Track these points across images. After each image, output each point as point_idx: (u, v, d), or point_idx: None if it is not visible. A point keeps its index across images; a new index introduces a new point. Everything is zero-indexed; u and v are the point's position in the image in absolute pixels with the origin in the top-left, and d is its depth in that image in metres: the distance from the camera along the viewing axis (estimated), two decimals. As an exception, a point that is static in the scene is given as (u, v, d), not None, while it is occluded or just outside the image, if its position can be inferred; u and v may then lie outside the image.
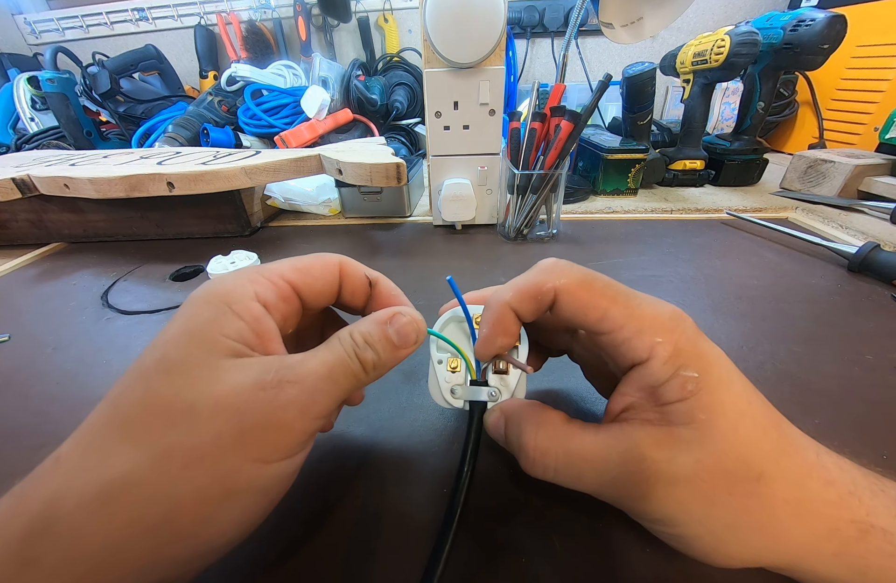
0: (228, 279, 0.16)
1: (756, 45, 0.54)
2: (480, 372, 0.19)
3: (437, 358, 0.19)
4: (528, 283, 0.17)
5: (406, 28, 1.04)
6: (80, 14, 1.09)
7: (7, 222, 0.52)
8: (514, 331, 0.17)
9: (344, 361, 0.15)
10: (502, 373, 0.18)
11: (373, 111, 0.82)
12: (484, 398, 0.18)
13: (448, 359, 0.19)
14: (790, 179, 0.62)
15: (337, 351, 0.15)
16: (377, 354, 0.15)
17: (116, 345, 0.33)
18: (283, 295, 0.16)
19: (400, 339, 0.16)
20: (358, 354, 0.15)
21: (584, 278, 0.16)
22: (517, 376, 0.18)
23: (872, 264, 0.37)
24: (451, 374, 0.19)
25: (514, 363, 0.18)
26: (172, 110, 0.85)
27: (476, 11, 0.39)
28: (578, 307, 0.15)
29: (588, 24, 0.97)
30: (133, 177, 0.45)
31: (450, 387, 0.19)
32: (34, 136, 0.80)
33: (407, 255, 0.47)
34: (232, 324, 0.14)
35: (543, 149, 0.44)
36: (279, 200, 0.58)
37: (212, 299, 0.15)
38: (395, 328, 0.16)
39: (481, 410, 0.18)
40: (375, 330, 0.15)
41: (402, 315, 0.16)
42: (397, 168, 0.42)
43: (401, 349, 0.16)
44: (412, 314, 0.17)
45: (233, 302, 0.14)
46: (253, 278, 0.16)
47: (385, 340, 0.15)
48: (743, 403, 0.14)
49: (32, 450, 0.24)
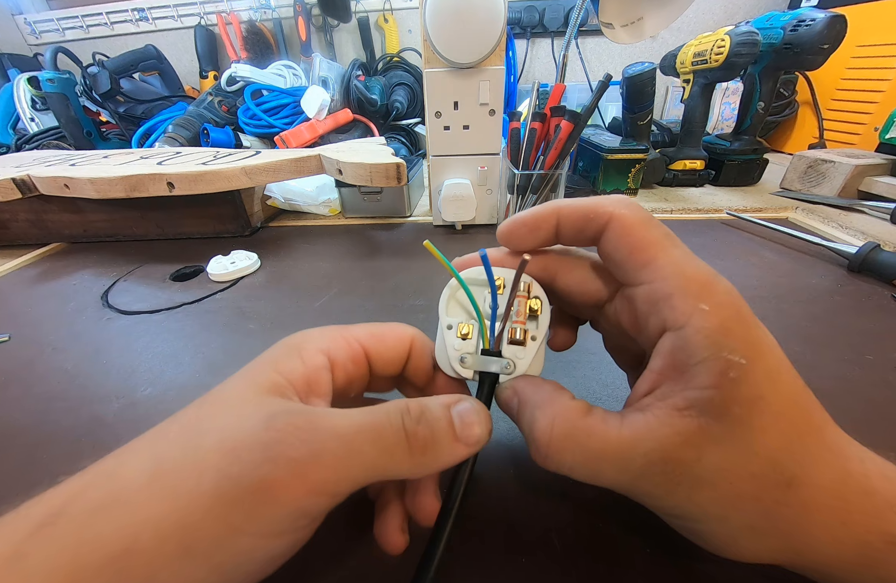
0: (314, 332, 0.16)
1: (756, 45, 0.54)
2: (495, 341, 0.16)
3: (446, 322, 0.17)
4: (586, 201, 0.15)
5: (406, 28, 1.04)
6: (80, 14, 1.09)
7: (7, 222, 0.52)
8: (544, 236, 0.16)
9: (380, 428, 0.12)
10: (519, 343, 0.16)
11: (373, 111, 0.82)
12: (496, 370, 0.16)
13: (458, 324, 0.17)
14: (790, 179, 0.62)
15: (377, 415, 0.13)
16: (431, 432, 0.13)
17: (116, 345, 0.33)
18: (354, 357, 0.16)
19: (463, 428, 0.13)
20: (406, 425, 0.13)
21: (646, 218, 0.14)
22: (535, 349, 0.16)
23: (872, 264, 0.37)
24: (461, 341, 0.17)
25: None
26: (172, 110, 0.85)
27: (476, 12, 0.39)
28: (627, 244, 0.14)
29: (588, 24, 0.97)
30: (133, 177, 0.45)
31: (459, 355, 0.17)
32: (34, 137, 0.80)
33: (407, 255, 0.47)
34: (290, 363, 0.14)
35: (543, 149, 0.44)
36: (279, 200, 0.58)
37: (290, 342, 0.16)
38: (460, 414, 0.14)
39: (491, 382, 0.16)
40: (436, 407, 0.14)
41: (468, 402, 0.14)
42: (397, 168, 0.42)
43: (459, 443, 0.13)
44: (480, 405, 0.15)
45: (303, 348, 0.15)
46: (331, 336, 0.16)
47: (446, 422, 0.13)
48: (785, 403, 0.12)
49: (33, 449, 0.24)
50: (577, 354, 0.30)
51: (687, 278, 0.13)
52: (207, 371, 0.30)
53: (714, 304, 0.12)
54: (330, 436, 0.12)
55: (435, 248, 0.15)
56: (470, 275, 0.17)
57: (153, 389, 0.29)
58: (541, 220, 0.16)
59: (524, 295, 0.16)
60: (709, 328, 0.12)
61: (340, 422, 0.12)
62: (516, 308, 0.16)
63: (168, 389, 0.28)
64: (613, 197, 0.15)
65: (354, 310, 0.37)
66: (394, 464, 0.12)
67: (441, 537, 0.14)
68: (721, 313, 0.12)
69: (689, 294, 0.13)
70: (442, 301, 0.18)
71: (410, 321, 0.19)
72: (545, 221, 0.16)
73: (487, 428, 0.14)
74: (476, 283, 0.17)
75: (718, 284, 0.13)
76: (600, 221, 0.14)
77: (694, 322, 0.12)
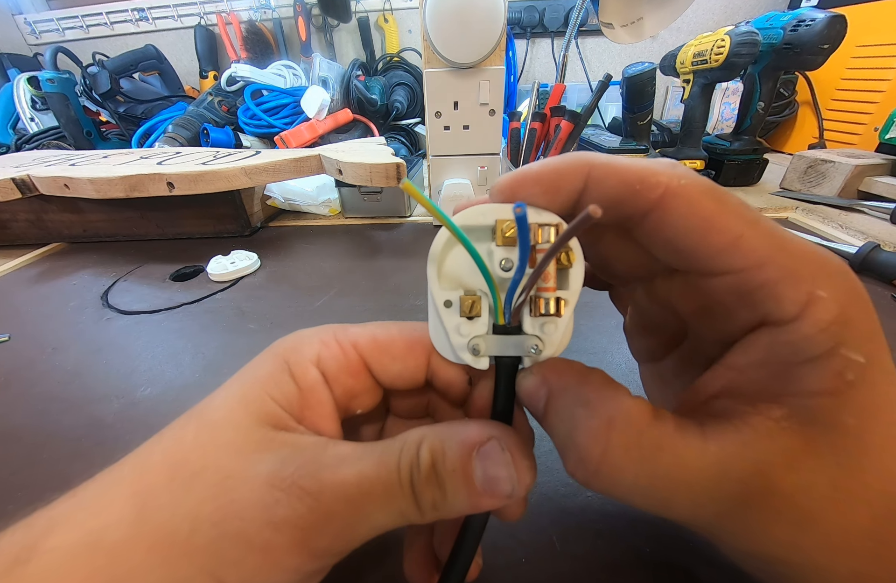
0: (304, 334, 0.14)
1: (756, 45, 0.54)
2: (512, 313, 0.12)
3: (441, 297, 0.12)
4: (629, 164, 0.11)
5: (406, 28, 1.04)
6: (80, 14, 1.09)
7: (7, 222, 0.52)
8: (562, 201, 0.11)
9: (390, 487, 0.10)
10: (547, 315, 0.12)
11: (373, 111, 0.82)
12: (517, 353, 0.12)
13: (461, 298, 0.12)
14: (790, 179, 0.62)
15: (388, 466, 0.11)
16: (443, 492, 0.10)
17: (116, 345, 0.33)
18: (350, 368, 0.13)
19: (486, 482, 0.10)
20: (416, 486, 0.10)
21: (714, 187, 0.11)
22: (566, 320, 0.12)
23: (872, 264, 0.37)
24: (467, 322, 0.12)
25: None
26: (172, 110, 0.85)
27: (476, 11, 0.39)
28: (698, 224, 0.10)
29: (588, 24, 0.97)
30: (133, 177, 0.45)
31: (466, 342, 0.12)
32: (34, 137, 0.80)
33: (407, 255, 0.47)
34: (283, 387, 0.12)
35: (543, 149, 0.44)
36: (279, 200, 0.58)
37: (279, 352, 0.13)
38: (484, 464, 0.11)
39: (512, 370, 0.12)
40: (455, 454, 0.11)
41: (499, 450, 0.11)
42: (397, 168, 0.42)
43: (482, 497, 0.11)
44: (514, 450, 0.11)
45: (293, 362, 0.13)
46: (325, 340, 0.13)
47: (463, 475, 0.10)
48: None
49: (33, 449, 0.24)
50: (578, 354, 0.30)
51: (794, 258, 0.10)
52: (207, 371, 0.30)
53: (832, 288, 0.10)
54: (337, 498, 0.10)
55: (416, 188, 0.10)
56: (467, 221, 0.12)
57: (153, 389, 0.29)
58: (562, 177, 0.11)
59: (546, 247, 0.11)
60: (826, 319, 0.09)
61: (348, 477, 0.11)
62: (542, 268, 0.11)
63: (168, 389, 0.28)
64: (664, 161, 0.11)
65: (354, 310, 0.37)
66: (403, 521, 0.11)
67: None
68: (841, 299, 0.10)
69: (802, 279, 0.10)
70: (431, 268, 0.13)
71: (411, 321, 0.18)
72: (567, 180, 0.11)
73: (525, 481, 0.11)
74: (476, 234, 0.12)
75: (831, 261, 0.10)
76: (650, 194, 0.10)
77: (811, 313, 0.09)
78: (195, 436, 0.12)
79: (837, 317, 0.09)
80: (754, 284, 0.10)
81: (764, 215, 0.11)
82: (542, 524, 0.19)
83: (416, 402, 0.15)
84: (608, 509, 0.19)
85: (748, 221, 0.10)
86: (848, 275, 0.10)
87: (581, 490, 0.20)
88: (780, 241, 0.10)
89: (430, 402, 0.15)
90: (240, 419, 0.12)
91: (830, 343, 0.09)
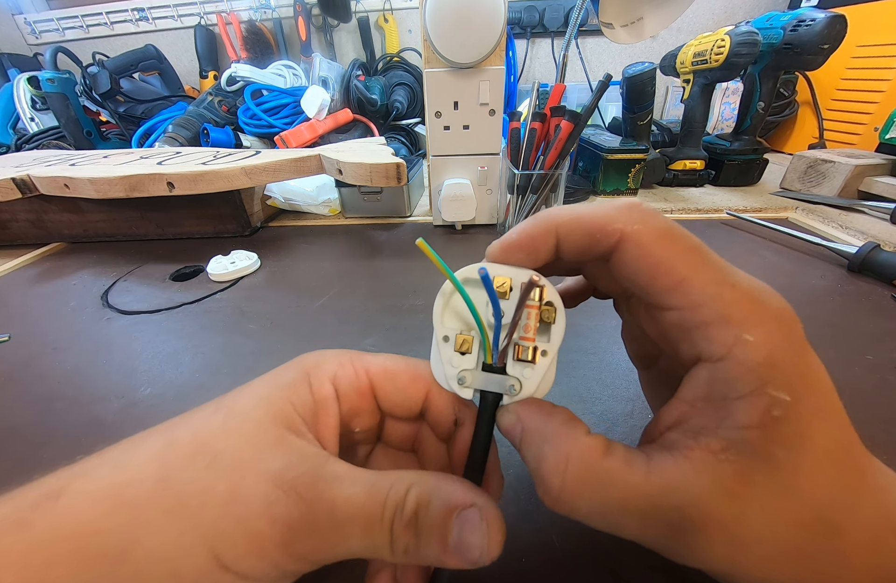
0: (326, 354, 0.16)
1: (756, 45, 0.54)
2: (498, 356, 0.14)
3: (441, 333, 0.15)
4: (591, 213, 0.13)
5: (406, 28, 1.04)
6: (80, 14, 1.09)
7: (7, 222, 0.52)
8: (544, 257, 0.14)
9: (371, 520, 0.11)
10: (526, 362, 0.14)
11: (373, 111, 0.82)
12: (498, 390, 0.14)
13: (456, 335, 0.15)
14: (790, 179, 0.62)
15: (376, 499, 0.12)
16: (418, 542, 0.11)
17: (116, 345, 0.33)
18: (359, 389, 0.15)
19: (457, 546, 0.11)
20: (395, 527, 0.11)
21: (665, 230, 0.12)
22: (545, 367, 0.14)
23: (872, 264, 0.37)
24: (459, 356, 0.15)
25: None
26: (172, 110, 0.85)
27: (476, 11, 0.39)
28: (647, 266, 0.12)
29: (588, 24, 0.97)
30: (133, 177, 0.45)
31: (457, 373, 0.15)
32: (34, 137, 0.80)
33: (407, 255, 0.47)
34: (301, 395, 0.14)
35: (543, 149, 0.44)
36: (279, 200, 0.58)
37: (303, 365, 0.15)
38: (461, 527, 0.12)
39: (494, 402, 0.14)
40: (438, 510, 0.12)
41: (477, 518, 0.12)
42: (397, 168, 0.42)
43: (451, 557, 0.11)
44: (490, 520, 0.12)
45: (313, 375, 0.15)
46: (342, 362, 0.15)
47: (438, 533, 0.11)
48: (830, 443, 0.11)
49: (33, 449, 0.24)
50: (578, 354, 0.30)
51: (726, 303, 0.11)
52: (207, 371, 0.30)
53: (761, 332, 0.11)
54: (325, 514, 0.11)
55: (429, 246, 0.13)
56: (468, 275, 0.15)
57: (153, 389, 0.29)
58: (536, 240, 0.13)
59: (535, 305, 0.14)
60: (753, 361, 0.11)
61: (340, 500, 0.12)
62: (524, 321, 0.14)
63: (168, 389, 0.29)
64: (622, 206, 0.13)
65: (354, 310, 0.37)
66: (374, 554, 0.12)
67: None
68: (769, 343, 0.11)
69: (731, 322, 0.11)
70: (436, 308, 0.15)
71: (410, 321, 0.19)
72: (542, 241, 0.13)
73: (492, 553, 0.12)
74: (476, 285, 0.14)
75: (768, 305, 0.11)
76: (609, 240, 0.12)
77: (736, 354, 0.11)
78: (223, 423, 0.13)
79: (765, 358, 0.11)
80: (693, 322, 0.11)
81: (716, 259, 0.12)
82: (542, 524, 0.19)
83: (408, 432, 0.17)
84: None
85: (695, 264, 0.12)
86: (780, 319, 0.11)
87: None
88: (720, 287, 0.11)
89: (418, 436, 0.17)
90: (261, 416, 0.13)
91: (757, 383, 0.11)
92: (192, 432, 0.13)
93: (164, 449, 0.13)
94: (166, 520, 0.11)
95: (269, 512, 0.11)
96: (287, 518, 0.11)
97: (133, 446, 0.13)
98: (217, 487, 0.11)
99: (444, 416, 0.16)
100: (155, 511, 0.11)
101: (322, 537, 0.12)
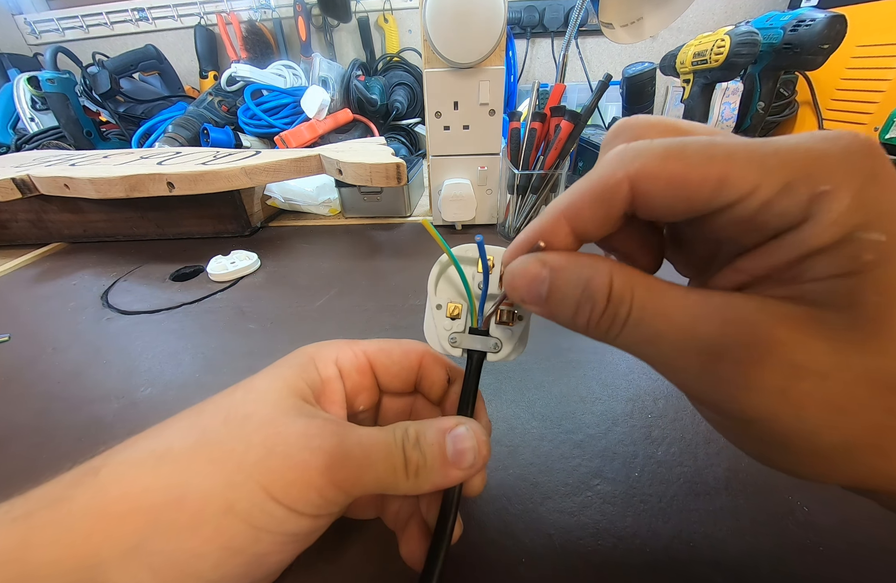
0: (325, 344, 0.18)
1: (756, 45, 0.54)
2: (483, 321, 0.17)
3: (435, 301, 0.18)
4: (588, 181, 0.11)
5: (406, 28, 1.04)
6: (80, 14, 1.09)
7: (7, 222, 0.52)
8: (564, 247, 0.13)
9: (389, 448, 0.14)
10: (505, 324, 0.17)
11: (373, 111, 0.82)
12: (483, 348, 0.17)
13: (448, 303, 0.18)
14: (790, 179, 0.62)
15: (388, 434, 0.14)
16: (424, 458, 0.14)
17: (116, 345, 0.33)
18: (359, 367, 0.18)
19: (454, 455, 0.14)
20: (406, 449, 0.14)
21: (668, 148, 0.10)
22: (521, 329, 0.17)
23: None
24: (450, 321, 0.18)
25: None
26: (172, 110, 0.85)
27: (476, 12, 0.39)
28: (677, 189, 0.10)
29: (588, 24, 0.97)
30: (133, 177, 0.45)
31: (448, 335, 0.17)
32: (34, 137, 0.80)
33: (407, 255, 0.47)
34: (310, 374, 0.16)
35: (543, 149, 0.44)
36: (279, 200, 0.58)
37: (308, 351, 0.17)
38: (454, 439, 0.14)
39: (479, 360, 0.17)
40: (432, 433, 0.14)
41: (466, 430, 0.14)
42: (397, 168, 0.43)
43: (451, 468, 0.14)
44: (477, 433, 0.14)
45: (318, 358, 0.17)
46: (340, 347, 0.18)
47: (438, 448, 0.14)
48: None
49: (33, 449, 0.24)
50: (578, 354, 0.30)
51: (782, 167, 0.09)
52: (207, 371, 0.30)
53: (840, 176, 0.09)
54: (355, 444, 0.13)
55: (432, 225, 0.16)
56: (462, 252, 0.17)
57: (153, 389, 0.29)
58: (548, 235, 0.12)
59: None
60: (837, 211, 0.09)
61: (363, 435, 0.14)
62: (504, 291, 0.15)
63: (168, 389, 0.29)
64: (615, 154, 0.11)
65: (354, 310, 0.37)
66: (395, 481, 0.13)
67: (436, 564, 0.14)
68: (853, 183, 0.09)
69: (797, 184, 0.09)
70: (431, 279, 0.18)
71: (410, 321, 0.19)
72: (553, 234, 0.12)
73: (482, 454, 0.14)
74: (469, 262, 0.17)
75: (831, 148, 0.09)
76: (620, 193, 0.11)
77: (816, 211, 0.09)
78: (243, 395, 0.15)
79: (851, 202, 0.09)
80: (752, 209, 0.10)
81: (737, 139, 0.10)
82: (542, 524, 0.19)
83: (403, 407, 0.19)
84: (608, 508, 0.19)
85: (722, 156, 0.10)
86: (856, 154, 0.09)
87: (581, 490, 0.20)
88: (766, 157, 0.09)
89: (413, 409, 0.19)
90: (280, 389, 0.15)
91: (843, 230, 0.09)
92: (217, 406, 0.14)
93: (195, 419, 0.14)
94: (213, 467, 0.12)
95: (308, 444, 0.13)
96: (326, 447, 0.13)
97: (164, 424, 0.14)
98: (254, 438, 0.13)
99: (438, 377, 0.18)
100: (199, 462, 0.12)
101: (356, 464, 0.13)
